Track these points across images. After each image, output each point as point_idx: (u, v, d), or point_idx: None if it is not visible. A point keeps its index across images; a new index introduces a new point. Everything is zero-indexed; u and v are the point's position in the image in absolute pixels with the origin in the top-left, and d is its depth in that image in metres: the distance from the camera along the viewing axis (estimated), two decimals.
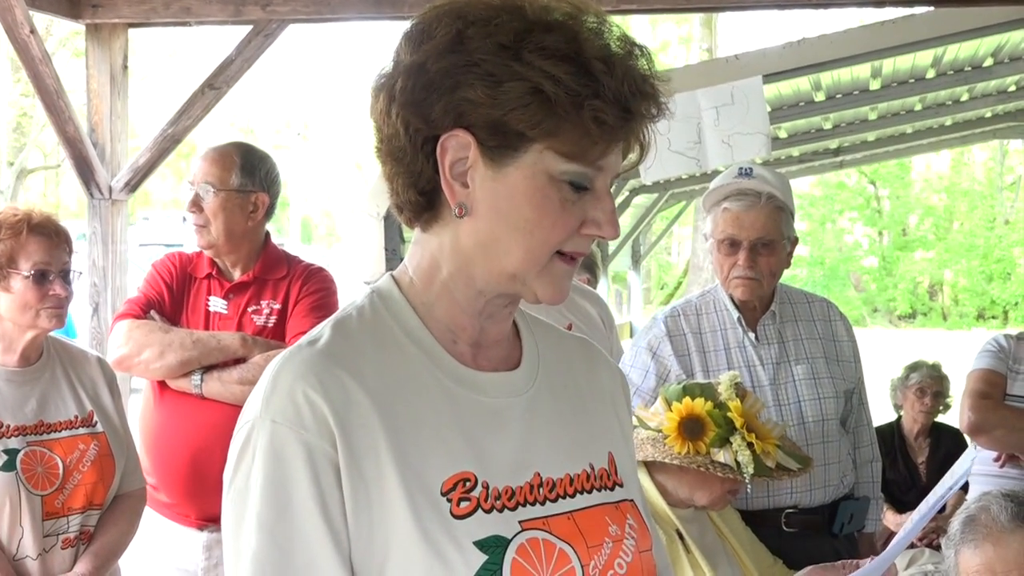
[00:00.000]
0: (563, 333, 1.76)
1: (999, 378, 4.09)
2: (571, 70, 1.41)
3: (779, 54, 6.51)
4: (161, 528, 3.72)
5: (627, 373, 3.48)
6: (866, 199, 42.32)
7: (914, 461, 6.43)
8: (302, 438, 1.42)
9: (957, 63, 8.49)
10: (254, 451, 1.44)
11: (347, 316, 1.55)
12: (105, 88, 5.60)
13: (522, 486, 1.50)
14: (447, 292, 1.54)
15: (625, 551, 1.56)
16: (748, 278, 3.44)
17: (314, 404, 1.43)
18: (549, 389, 1.62)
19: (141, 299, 3.73)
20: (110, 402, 3.44)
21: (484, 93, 1.42)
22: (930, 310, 41.96)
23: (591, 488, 1.58)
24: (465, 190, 1.47)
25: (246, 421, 1.47)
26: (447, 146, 1.46)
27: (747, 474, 2.98)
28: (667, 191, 13.89)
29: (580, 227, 1.49)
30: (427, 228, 1.54)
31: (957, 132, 12.25)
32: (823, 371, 3.50)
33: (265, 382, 1.47)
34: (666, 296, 37.06)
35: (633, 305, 19.20)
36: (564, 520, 1.51)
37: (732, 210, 3.43)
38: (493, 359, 1.59)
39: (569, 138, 1.44)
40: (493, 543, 1.44)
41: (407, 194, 1.52)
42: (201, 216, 3.69)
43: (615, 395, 1.74)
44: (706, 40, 31.09)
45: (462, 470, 1.46)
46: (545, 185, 1.45)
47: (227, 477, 1.47)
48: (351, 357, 1.48)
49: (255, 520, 1.42)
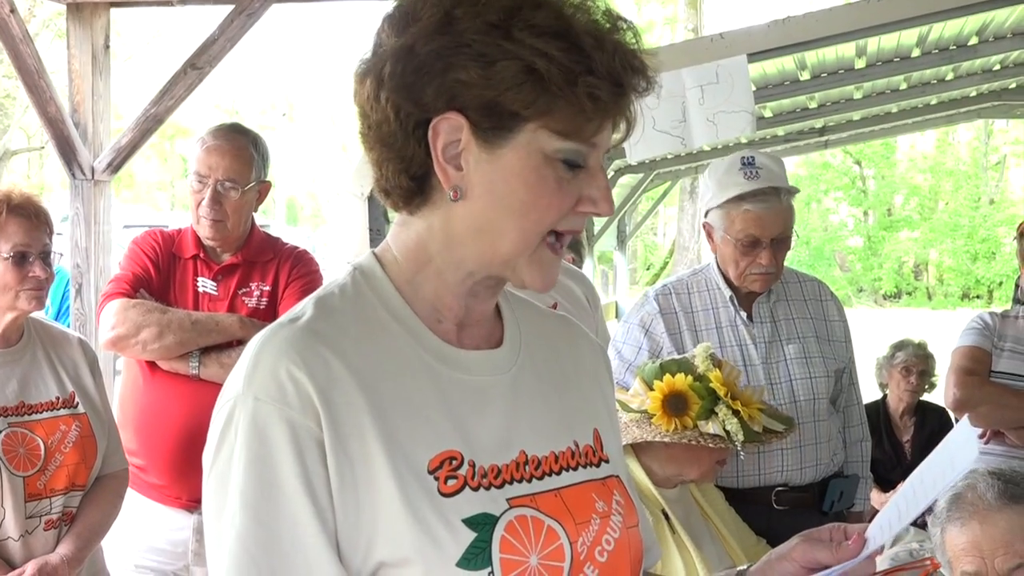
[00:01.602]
0: (544, 311, 1.75)
1: (984, 355, 4.10)
2: (563, 46, 1.40)
3: (764, 32, 6.48)
4: (149, 511, 3.70)
5: (619, 349, 3.50)
6: (851, 179, 42.38)
7: (899, 440, 6.45)
8: (286, 415, 1.40)
9: (942, 42, 8.47)
10: (236, 429, 1.41)
11: (329, 293, 1.54)
12: (87, 68, 5.55)
13: (508, 464, 1.49)
14: (435, 273, 1.53)
15: (612, 527, 1.55)
16: (768, 273, 3.47)
17: (298, 381, 1.40)
18: (532, 367, 1.61)
19: (128, 276, 3.68)
20: (91, 383, 3.41)
21: (477, 74, 1.40)
22: (915, 290, 42.08)
23: (576, 465, 1.57)
24: (459, 173, 1.46)
25: (227, 399, 1.45)
26: (439, 129, 1.44)
27: (738, 441, 3.00)
28: (653, 171, 13.84)
29: (575, 205, 1.48)
30: (416, 211, 1.52)
31: (942, 111, 12.23)
32: (814, 350, 3.51)
33: (247, 359, 1.45)
34: (652, 276, 37.12)
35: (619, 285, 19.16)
36: (551, 497, 1.50)
37: (754, 211, 3.43)
38: (476, 337, 1.57)
39: (563, 116, 1.42)
40: (481, 520, 1.42)
41: (398, 179, 1.50)
42: (220, 211, 3.66)
43: (598, 372, 1.74)
44: (691, 20, 31.12)
45: (448, 448, 1.45)
46: (540, 164, 1.44)
47: (208, 456, 1.45)
48: (334, 335, 1.47)
49: (239, 499, 1.40)
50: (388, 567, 1.41)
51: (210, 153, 3.66)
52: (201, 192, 3.66)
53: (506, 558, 1.42)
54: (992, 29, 8.27)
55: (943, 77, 10.09)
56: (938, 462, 1.59)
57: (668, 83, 4.90)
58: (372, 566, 1.41)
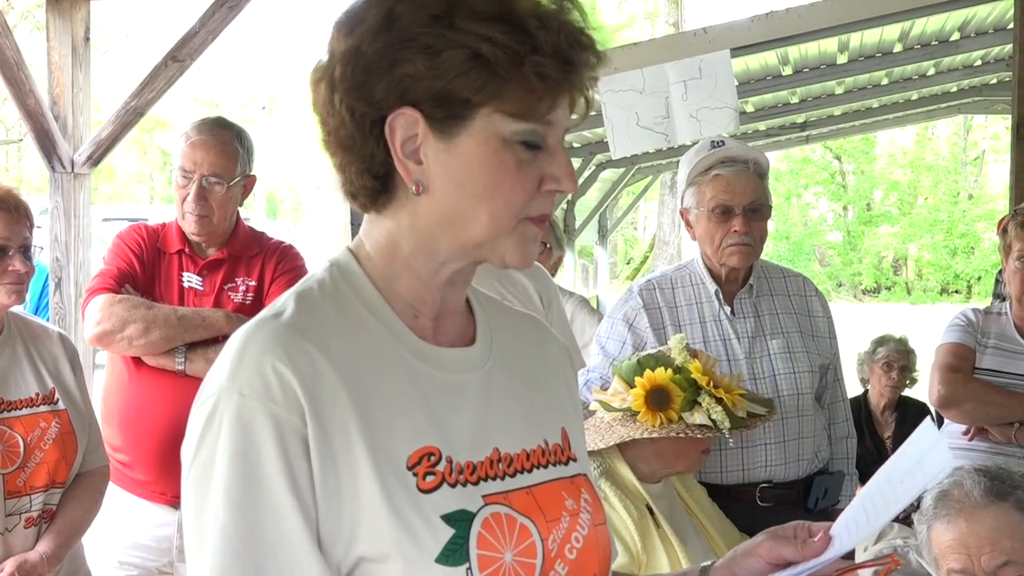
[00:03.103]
0: (512, 310, 1.77)
1: (968, 352, 4.11)
2: (506, 30, 1.41)
3: (747, 27, 6.50)
4: (133, 507, 3.68)
5: (604, 344, 3.49)
6: (831, 174, 42.53)
7: (880, 435, 6.46)
8: (271, 411, 1.40)
9: (924, 37, 8.50)
10: (220, 424, 1.41)
11: (308, 288, 1.54)
12: (67, 60, 5.52)
13: (483, 461, 1.50)
14: (408, 269, 1.54)
15: (581, 524, 1.57)
16: (744, 244, 3.44)
17: (283, 377, 1.41)
18: (503, 365, 1.62)
19: (113, 271, 3.65)
20: (72, 379, 3.38)
21: (424, 66, 1.42)
22: (894, 284, 42.26)
23: (547, 463, 1.59)
24: (419, 167, 1.47)
25: (210, 394, 1.45)
26: (395, 126, 1.45)
27: (724, 429, 3.00)
28: (634, 165, 13.86)
29: (539, 185, 1.49)
30: (383, 210, 1.54)
31: (923, 107, 12.30)
32: (798, 345, 3.50)
33: (230, 354, 1.45)
34: (632, 271, 37.14)
35: (600, 279, 19.20)
36: (523, 495, 1.52)
37: (724, 175, 3.43)
38: (450, 334, 1.59)
39: (514, 97, 1.43)
40: (459, 517, 1.43)
41: (361, 180, 1.51)
42: (206, 206, 3.64)
43: (564, 371, 1.75)
44: (672, 15, 31.12)
45: (426, 444, 1.46)
46: (499, 148, 1.45)
47: (188, 452, 1.45)
48: (316, 330, 1.47)
49: (222, 493, 1.39)
50: (368, 562, 1.42)
51: (195, 148, 3.63)
52: (186, 188, 3.63)
53: (483, 554, 1.44)
54: (974, 25, 8.31)
55: (924, 72, 10.14)
56: (902, 466, 1.58)
57: (652, 78, 4.89)
58: (352, 561, 1.42)
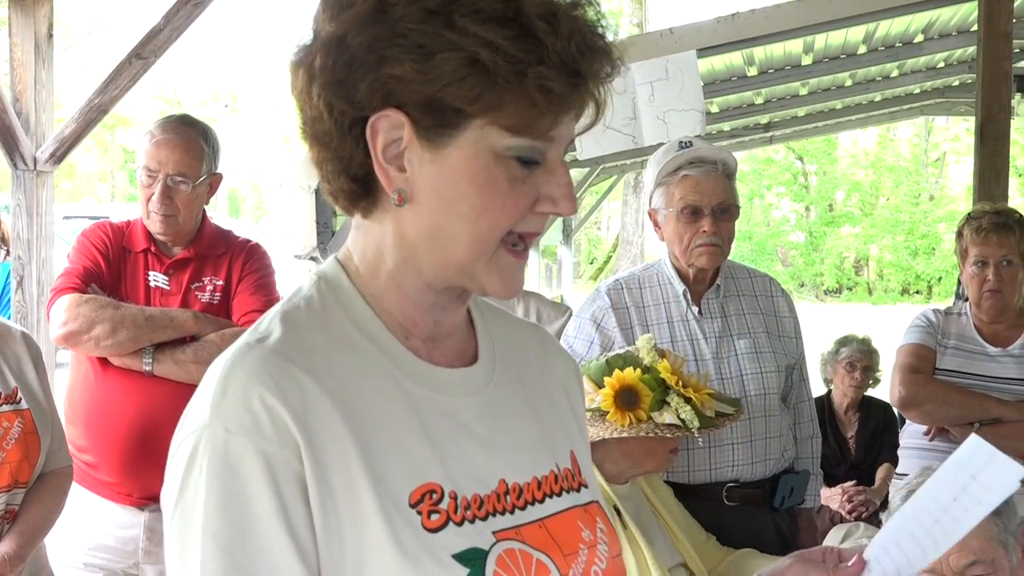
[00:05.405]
0: (515, 319, 1.63)
1: (929, 352, 4.15)
2: (510, 34, 1.25)
3: (713, 28, 6.52)
4: (98, 508, 3.64)
5: (571, 344, 3.49)
6: (793, 175, 42.71)
7: (843, 435, 6.48)
8: (261, 447, 1.26)
9: (888, 39, 8.55)
10: (203, 465, 1.27)
11: (295, 307, 1.40)
12: (29, 57, 5.46)
13: (489, 495, 1.37)
14: (395, 285, 1.40)
15: (600, 557, 1.45)
16: (713, 244, 3.45)
17: (272, 409, 1.27)
18: (508, 384, 1.49)
19: (79, 270, 3.60)
20: (35, 378, 3.35)
21: (413, 68, 1.26)
22: (856, 285, 42.49)
23: (560, 490, 1.46)
24: (402, 175, 1.33)
25: (191, 431, 1.30)
26: (377, 128, 1.31)
27: (694, 428, 3.00)
28: (598, 165, 13.85)
29: (533, 205, 1.35)
30: (368, 215, 1.40)
31: (886, 108, 12.37)
32: (765, 346, 3.52)
33: (212, 386, 1.30)
34: (596, 271, 37.21)
35: (564, 279, 19.22)
36: (536, 529, 1.39)
37: (693, 176, 3.44)
38: (448, 353, 1.45)
39: (513, 111, 1.28)
40: (472, 555, 1.31)
41: (339, 182, 1.37)
42: (171, 206, 3.61)
43: (569, 386, 1.62)
44: (636, 15, 31.17)
45: (428, 481, 1.33)
46: (490, 164, 1.30)
47: (170, 498, 1.30)
48: (306, 355, 1.33)
49: (212, 543, 1.25)
50: None
51: (160, 147, 3.60)
52: (151, 187, 3.60)
53: None
54: (938, 27, 8.36)
55: (888, 74, 10.20)
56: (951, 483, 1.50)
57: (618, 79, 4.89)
58: None
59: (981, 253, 4.08)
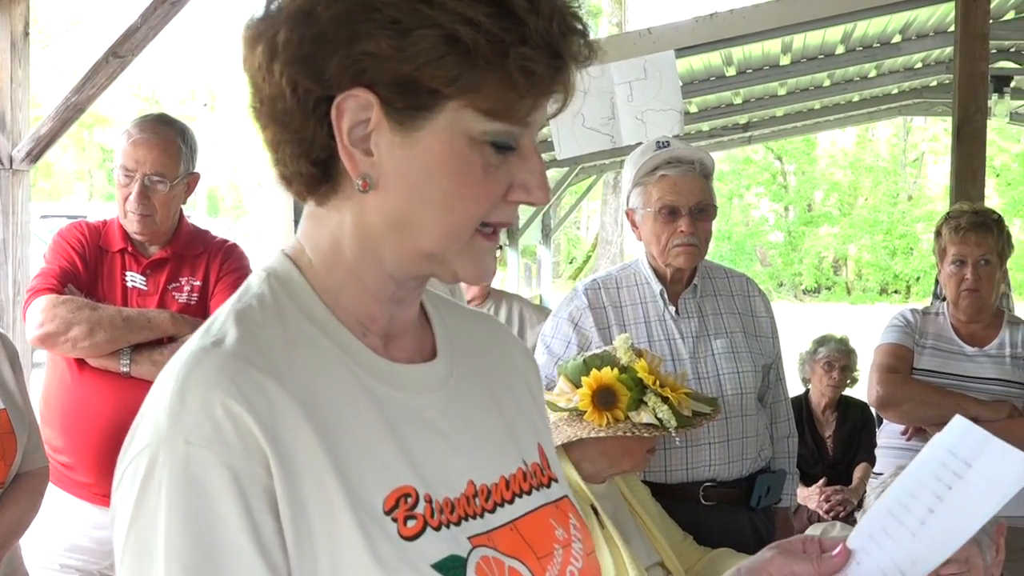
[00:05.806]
0: (468, 310, 1.55)
1: (907, 352, 4.16)
2: (491, 11, 1.18)
3: (691, 28, 6.52)
4: (74, 509, 3.62)
5: (549, 344, 3.49)
6: (772, 175, 42.81)
7: (821, 435, 6.50)
8: (225, 460, 1.16)
9: (866, 39, 8.58)
10: (161, 482, 1.17)
11: (248, 307, 1.30)
12: (5, 55, 5.44)
13: (459, 498, 1.30)
14: (353, 278, 1.31)
15: (575, 556, 1.39)
16: (690, 244, 3.45)
17: (237, 417, 1.17)
18: (469, 378, 1.42)
19: (55, 270, 3.59)
20: (11, 378, 3.33)
21: (389, 45, 1.18)
22: (834, 284, 42.62)
23: (529, 488, 1.39)
24: (369, 159, 1.24)
25: (145, 445, 1.19)
26: (343, 108, 1.22)
27: (671, 428, 3.01)
28: (577, 165, 13.88)
29: (506, 193, 1.27)
30: (324, 202, 1.30)
31: (864, 108, 12.42)
32: (742, 345, 3.52)
33: (167, 395, 1.20)
34: (575, 270, 37.23)
35: (543, 279, 19.24)
36: (508, 532, 1.32)
37: (671, 176, 3.44)
38: (407, 349, 1.37)
39: (492, 93, 1.21)
40: (451, 564, 1.23)
41: (296, 165, 1.27)
42: (148, 205, 3.59)
43: (529, 378, 1.55)
44: (616, 15, 31.18)
45: (401, 484, 1.25)
46: (464, 149, 1.22)
47: (122, 520, 1.20)
48: (266, 356, 1.23)
49: (176, 565, 1.14)
50: None
51: (137, 147, 3.59)
52: (128, 187, 3.59)
53: None
54: (915, 27, 8.39)
55: (866, 74, 10.24)
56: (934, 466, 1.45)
57: (596, 79, 4.90)
58: None
59: (959, 252, 4.09)
